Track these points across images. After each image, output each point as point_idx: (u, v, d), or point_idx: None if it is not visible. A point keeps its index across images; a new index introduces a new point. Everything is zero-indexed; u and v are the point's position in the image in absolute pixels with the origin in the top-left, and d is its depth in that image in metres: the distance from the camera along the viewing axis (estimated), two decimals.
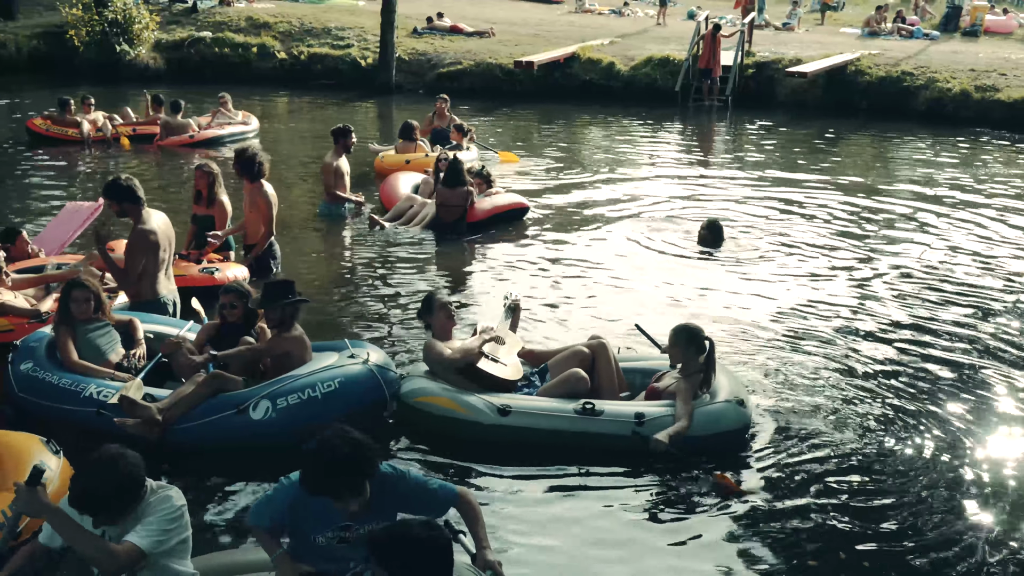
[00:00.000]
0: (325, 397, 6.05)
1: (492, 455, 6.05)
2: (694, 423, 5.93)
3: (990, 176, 15.54)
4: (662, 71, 23.57)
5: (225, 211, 9.35)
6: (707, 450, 5.91)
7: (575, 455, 5.99)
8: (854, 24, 31.92)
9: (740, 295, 9.33)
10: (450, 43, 26.33)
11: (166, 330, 6.93)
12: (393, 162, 13.65)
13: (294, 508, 4.13)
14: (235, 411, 5.94)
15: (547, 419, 6.07)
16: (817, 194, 13.90)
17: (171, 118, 16.95)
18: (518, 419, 6.06)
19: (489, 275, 9.91)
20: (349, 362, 6.32)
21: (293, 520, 4.16)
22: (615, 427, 6.00)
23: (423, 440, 6.29)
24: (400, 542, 3.38)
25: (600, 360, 6.49)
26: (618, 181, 14.63)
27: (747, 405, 6.19)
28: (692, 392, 6.07)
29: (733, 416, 6.10)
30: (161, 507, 3.92)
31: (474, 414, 6.10)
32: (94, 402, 6.02)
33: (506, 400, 6.16)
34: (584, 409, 6.04)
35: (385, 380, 6.34)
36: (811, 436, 6.41)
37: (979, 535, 5.33)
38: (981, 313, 8.92)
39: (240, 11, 28.79)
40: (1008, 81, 21.25)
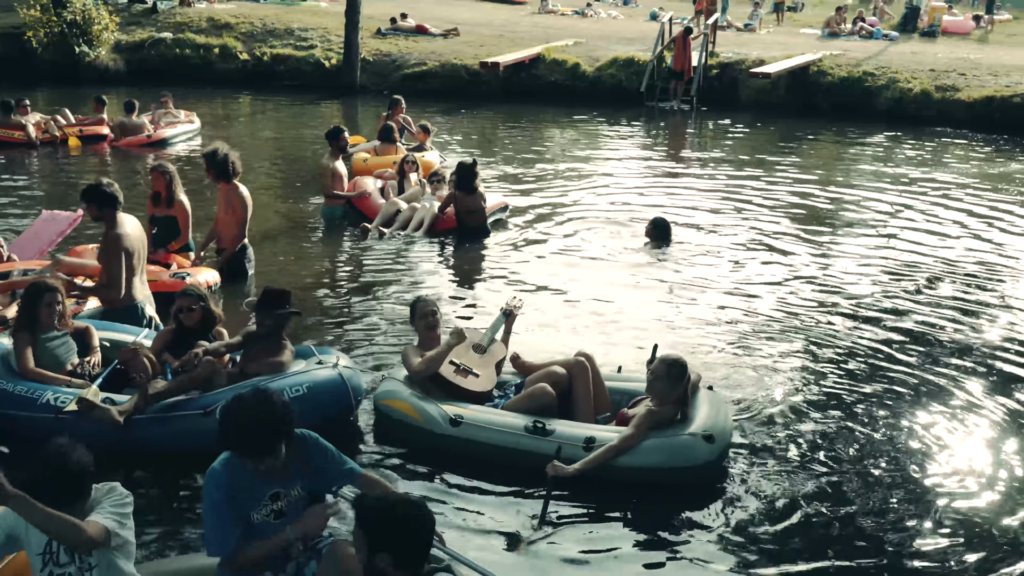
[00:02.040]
0: (294, 401, 5.90)
1: (446, 463, 5.96)
2: (651, 454, 5.59)
3: (951, 175, 15.72)
4: (627, 72, 23.65)
5: (186, 211, 9.27)
6: (664, 483, 5.60)
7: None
8: (814, 25, 32.25)
9: (699, 293, 9.36)
10: (415, 44, 26.26)
11: (122, 337, 6.83)
12: (379, 164, 13.52)
13: (229, 500, 4.10)
14: (202, 413, 5.88)
15: (497, 434, 5.87)
16: (779, 193, 14.01)
17: (126, 118, 16.88)
18: (468, 431, 5.92)
19: (481, 280, 9.85)
20: (317, 368, 6.34)
21: (236, 509, 4.15)
22: (564, 449, 5.69)
23: (387, 442, 6.31)
24: (383, 514, 3.57)
25: (577, 379, 6.22)
26: (584, 181, 14.65)
27: (718, 440, 5.73)
28: (647, 423, 5.67)
29: (696, 452, 5.65)
30: (111, 496, 3.96)
31: (427, 422, 6.04)
32: (51, 408, 5.93)
33: (460, 411, 6.01)
34: (534, 427, 5.81)
35: (352, 386, 6.36)
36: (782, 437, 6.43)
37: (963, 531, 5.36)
38: (945, 309, 9.00)
39: (201, 12, 28.54)
40: (968, 81, 21.54)
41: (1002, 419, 6.74)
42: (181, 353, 6.38)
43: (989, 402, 6.99)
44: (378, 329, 8.27)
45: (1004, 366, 7.67)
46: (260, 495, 4.16)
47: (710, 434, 5.71)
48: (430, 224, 11.19)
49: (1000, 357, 7.84)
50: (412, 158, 12.40)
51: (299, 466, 4.24)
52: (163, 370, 6.30)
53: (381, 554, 3.51)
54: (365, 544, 3.54)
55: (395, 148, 13.98)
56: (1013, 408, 6.91)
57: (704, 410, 5.96)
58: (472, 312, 8.68)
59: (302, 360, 6.47)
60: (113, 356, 6.52)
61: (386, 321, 8.44)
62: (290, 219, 12.03)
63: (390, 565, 3.52)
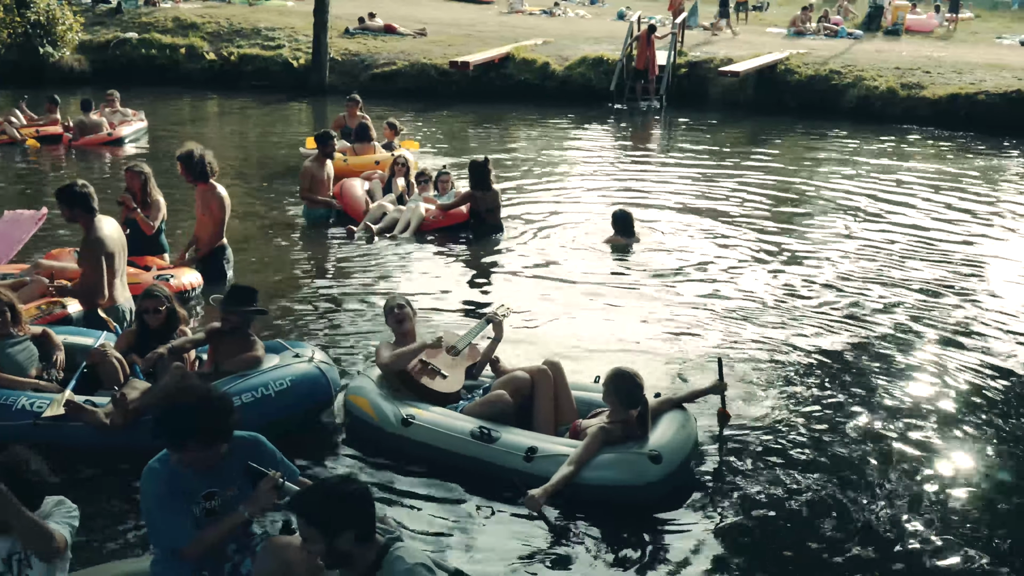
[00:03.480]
0: (278, 395, 6.13)
1: (399, 464, 5.93)
2: (594, 470, 5.41)
3: (917, 171, 15.91)
4: (596, 71, 23.71)
5: (162, 212, 9.20)
6: (605, 501, 5.38)
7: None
8: (779, 24, 32.48)
9: (667, 291, 9.40)
10: (383, 43, 26.18)
11: (81, 341, 6.76)
12: (360, 164, 13.45)
13: (172, 494, 4.11)
14: None
15: (444, 437, 5.81)
16: (748, 189, 14.11)
17: (84, 117, 16.85)
18: (418, 432, 5.88)
19: (465, 282, 9.80)
20: (296, 361, 6.42)
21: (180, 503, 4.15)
22: (505, 457, 5.60)
23: (348, 439, 6.34)
24: (326, 500, 3.62)
25: (539, 387, 6.07)
26: (554, 180, 14.74)
27: (666, 461, 5.47)
28: (600, 440, 5.49)
29: (639, 471, 5.43)
30: (61, 507, 4.02)
31: (381, 420, 6.03)
32: (28, 414, 5.86)
33: (413, 411, 5.98)
34: (480, 433, 5.71)
35: (331, 379, 6.46)
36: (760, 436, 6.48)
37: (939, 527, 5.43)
38: (914, 303, 9.12)
39: (166, 12, 28.29)
40: (932, 79, 21.80)
41: (977, 413, 6.85)
42: (145, 354, 6.35)
43: (955, 396, 7.11)
44: (359, 329, 8.27)
45: (974, 357, 7.78)
46: (195, 493, 4.16)
47: (657, 453, 5.46)
48: (417, 225, 11.18)
49: (969, 349, 7.97)
50: (403, 160, 12.38)
51: (239, 467, 4.23)
52: (132, 371, 6.26)
53: (342, 535, 3.57)
54: (320, 534, 3.58)
55: (373, 147, 13.96)
56: (988, 401, 7.03)
57: (662, 428, 5.74)
58: (452, 314, 8.65)
59: (275, 355, 6.51)
60: (73, 360, 6.45)
61: (367, 321, 8.44)
62: (273, 220, 11.97)
63: (351, 543, 3.59)
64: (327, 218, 11.68)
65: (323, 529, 3.58)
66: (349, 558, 3.64)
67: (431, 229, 11.30)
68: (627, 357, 7.40)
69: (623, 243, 10.79)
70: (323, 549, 3.61)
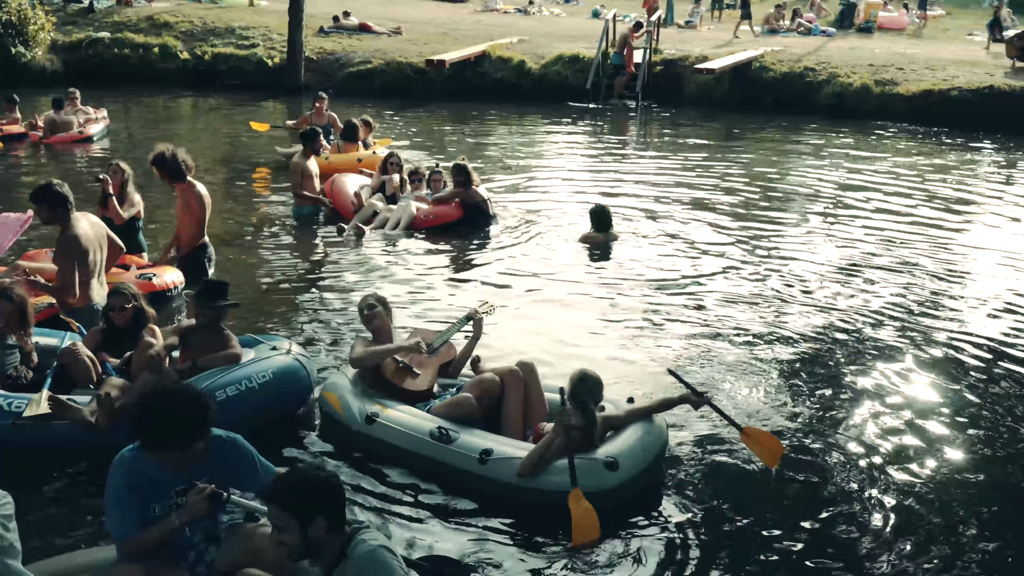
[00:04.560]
0: (262, 387, 6.18)
1: (363, 463, 5.90)
2: (547, 473, 5.33)
3: (892, 166, 16.05)
4: (572, 69, 23.73)
5: (135, 208, 9.25)
6: (560, 505, 5.21)
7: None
8: (753, 22, 32.56)
9: (644, 287, 9.41)
10: (359, 42, 26.09)
11: (44, 341, 6.67)
12: (342, 162, 13.44)
13: (132, 487, 4.12)
14: None
15: (405, 437, 5.77)
16: (724, 185, 14.21)
17: (56, 115, 16.82)
18: (380, 431, 5.86)
19: (447, 280, 9.78)
20: (275, 354, 6.47)
21: (139, 497, 4.15)
22: (460, 459, 5.53)
23: (320, 435, 6.35)
24: (301, 486, 3.66)
25: (509, 389, 5.96)
26: (532, 177, 14.76)
27: (623, 469, 5.34)
28: (549, 443, 5.38)
29: (593, 477, 5.29)
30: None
31: (347, 417, 6.03)
32: (6, 414, 5.80)
33: (379, 409, 5.97)
34: (438, 433, 5.64)
35: (309, 370, 6.56)
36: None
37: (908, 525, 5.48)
38: (888, 296, 9.20)
39: (139, 11, 28.05)
40: (906, 75, 21.97)
41: (956, 405, 6.92)
42: (114, 352, 6.33)
43: (932, 386, 7.18)
44: (341, 325, 8.26)
45: (949, 353, 7.86)
46: (167, 488, 4.16)
47: (613, 460, 5.34)
48: (407, 223, 11.23)
49: (945, 344, 8.05)
50: (396, 159, 12.40)
51: (216, 466, 4.23)
52: (104, 369, 6.22)
53: (315, 521, 3.61)
54: (295, 520, 3.60)
55: (356, 146, 14.00)
56: (966, 391, 7.11)
57: (625, 436, 5.60)
58: (435, 312, 8.62)
59: (250, 349, 6.53)
60: (40, 361, 6.40)
61: (350, 318, 8.40)
62: (257, 218, 11.92)
63: (325, 529, 3.64)
64: (316, 215, 11.67)
65: (297, 515, 3.61)
66: (320, 547, 3.67)
67: (421, 228, 11.33)
68: (605, 358, 7.43)
69: (601, 239, 10.81)
70: (296, 537, 3.63)
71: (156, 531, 4.10)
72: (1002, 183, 15.14)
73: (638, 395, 6.26)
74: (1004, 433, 6.49)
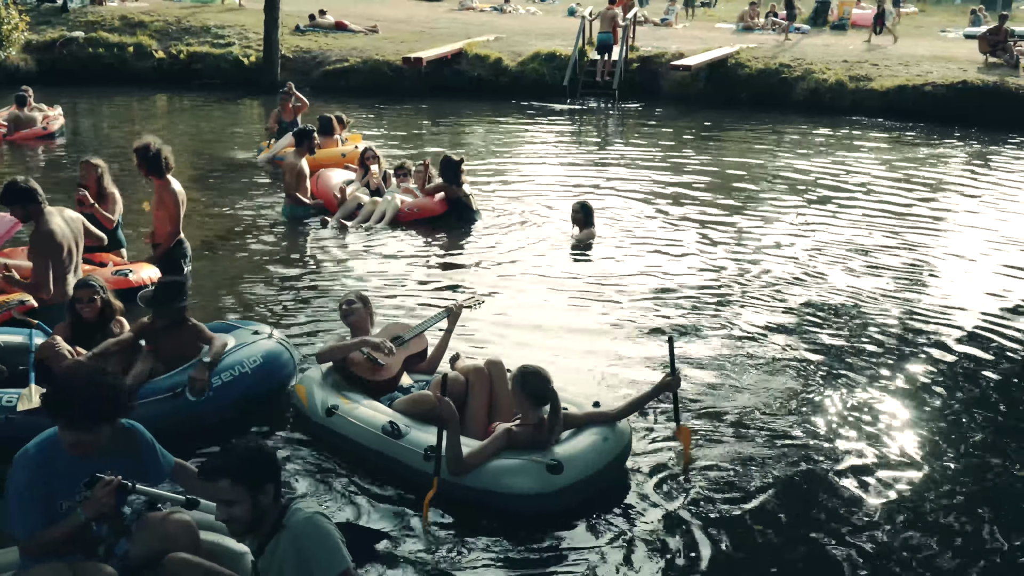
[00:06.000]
0: (254, 372, 6.28)
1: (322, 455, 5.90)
2: (486, 474, 5.17)
3: (868, 161, 16.20)
4: (549, 66, 23.76)
5: (118, 204, 9.18)
6: (498, 507, 5.17)
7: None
8: (728, 20, 32.79)
9: (623, 283, 9.37)
10: (335, 40, 26.03)
11: (9, 339, 6.64)
12: (328, 157, 13.45)
13: (38, 483, 4.05)
14: (171, 395, 5.94)
15: (360, 431, 5.72)
16: (702, 181, 14.29)
17: (20, 112, 16.83)
18: (338, 423, 5.83)
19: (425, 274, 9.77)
20: (259, 338, 6.57)
21: (45, 494, 4.09)
22: (406, 454, 5.46)
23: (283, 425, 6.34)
24: (249, 457, 3.73)
25: (474, 386, 5.84)
26: (510, 174, 14.79)
27: (567, 472, 5.15)
28: (501, 442, 5.26)
29: (534, 479, 5.12)
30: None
31: (309, 408, 6.04)
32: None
33: (338, 402, 5.93)
34: (390, 428, 5.58)
35: (293, 354, 6.69)
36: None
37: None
38: (864, 289, 9.27)
39: (112, 10, 27.89)
40: (880, 71, 22.14)
41: (936, 396, 6.99)
42: (84, 346, 6.29)
43: (911, 380, 7.25)
44: (324, 319, 8.26)
45: (925, 344, 7.95)
46: (75, 481, 4.09)
47: (557, 463, 5.15)
48: (392, 216, 11.29)
49: (926, 336, 8.14)
50: (372, 152, 12.43)
51: (121, 456, 4.21)
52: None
53: (264, 489, 3.71)
54: (246, 491, 3.66)
55: (334, 141, 14.01)
56: (944, 383, 7.18)
57: (578, 439, 5.43)
58: (414, 305, 8.61)
59: (228, 335, 6.56)
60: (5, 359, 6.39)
61: (329, 311, 8.39)
62: (237, 214, 11.86)
63: (271, 497, 3.73)
64: (307, 215, 11.61)
65: (249, 485, 3.67)
66: (265, 516, 3.73)
67: (406, 221, 11.37)
68: (584, 355, 7.42)
69: (583, 234, 10.83)
70: (247, 508, 3.68)
71: (61, 528, 4.01)
72: (976, 175, 15.27)
73: (618, 396, 6.17)
74: (998, 426, 6.54)
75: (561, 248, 10.63)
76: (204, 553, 4.15)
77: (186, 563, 4.01)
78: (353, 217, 11.42)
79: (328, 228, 11.15)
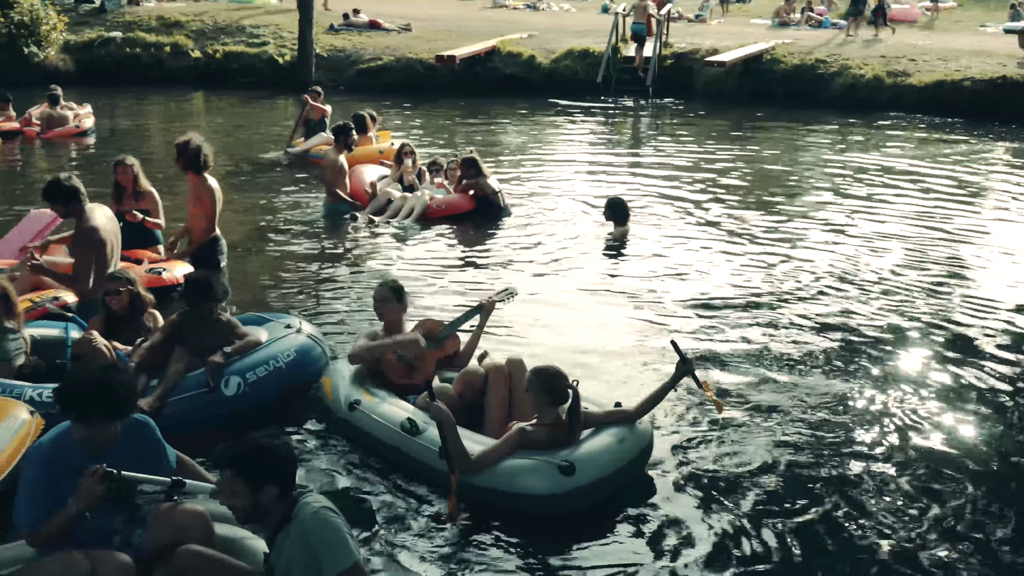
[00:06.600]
0: (288, 366, 6.31)
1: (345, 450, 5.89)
2: (497, 474, 5.06)
3: (905, 157, 15.99)
4: (582, 63, 23.74)
5: (157, 202, 9.29)
6: (509, 508, 5.07)
7: None
8: (763, 15, 32.57)
9: (657, 282, 9.26)
10: (369, 39, 26.15)
11: (46, 333, 6.70)
12: (366, 154, 13.55)
13: (47, 478, 4.08)
14: (205, 390, 5.98)
15: (380, 427, 5.65)
16: (736, 178, 14.20)
17: (52, 110, 17.13)
18: (359, 418, 5.78)
19: (457, 269, 9.75)
20: (290, 332, 6.59)
21: (54, 489, 4.11)
22: (422, 452, 5.38)
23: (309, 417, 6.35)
24: (255, 453, 3.72)
25: (492, 384, 5.75)
26: (543, 171, 14.74)
27: (579, 474, 5.02)
28: (514, 441, 5.16)
29: (545, 480, 5.01)
30: None
31: (334, 402, 6.02)
32: (42, 405, 5.73)
33: (361, 397, 5.89)
34: (408, 425, 5.51)
35: (324, 347, 6.70)
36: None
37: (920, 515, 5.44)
38: (903, 288, 9.15)
39: (150, 10, 28.22)
40: (918, 66, 21.90)
41: (969, 398, 6.88)
42: (113, 338, 6.34)
43: (946, 383, 7.12)
44: (351, 312, 8.31)
45: (965, 344, 7.80)
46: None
47: (569, 464, 5.02)
48: (420, 212, 11.31)
49: (961, 335, 7.99)
50: (410, 148, 12.50)
51: (131, 451, 4.23)
52: (116, 357, 6.23)
53: (265, 489, 3.68)
54: (246, 487, 3.68)
55: (369, 138, 14.15)
56: (979, 386, 7.06)
57: (593, 440, 5.29)
58: (444, 302, 8.60)
59: (261, 328, 6.63)
60: (45, 353, 6.44)
61: (355, 304, 8.52)
62: (275, 214, 11.89)
63: (275, 496, 3.71)
64: (346, 213, 11.59)
65: (250, 482, 3.68)
66: (267, 512, 3.74)
67: (435, 217, 11.41)
68: (614, 354, 7.35)
69: (617, 232, 10.78)
70: (246, 502, 3.70)
71: (57, 520, 4.02)
72: (1017, 171, 15.04)
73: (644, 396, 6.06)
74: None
75: (594, 245, 10.57)
76: (219, 544, 4.18)
77: (197, 554, 4.03)
78: (383, 212, 11.47)
79: (356, 223, 11.21)
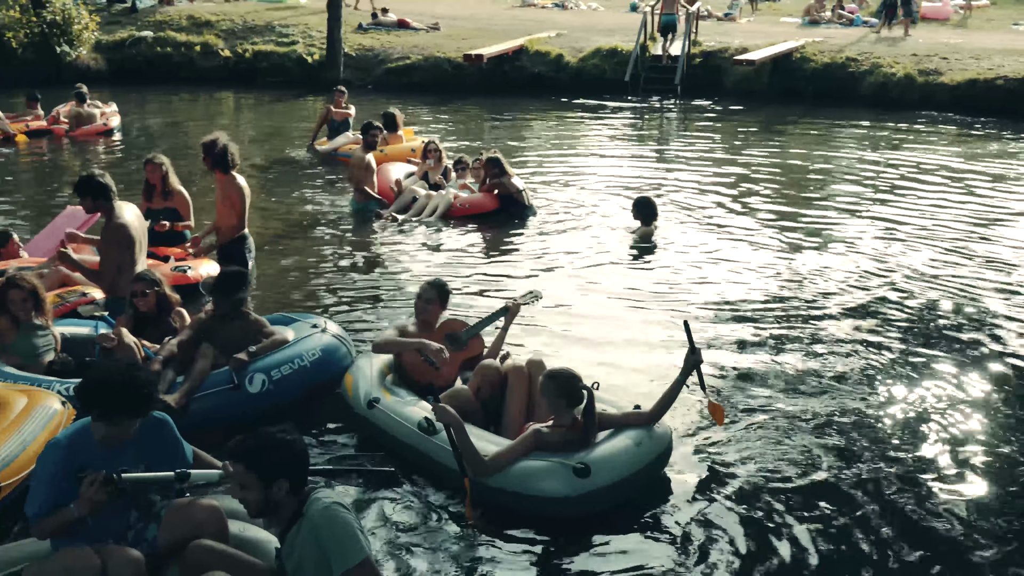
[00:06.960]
0: (313, 365, 6.37)
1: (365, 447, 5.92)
2: (512, 476, 5.03)
3: (937, 156, 15.81)
4: (610, 62, 23.67)
5: (187, 201, 9.40)
6: (523, 509, 5.04)
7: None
8: (793, 14, 32.36)
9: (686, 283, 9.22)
10: (397, 38, 26.22)
11: (76, 331, 6.79)
12: (398, 152, 13.71)
13: (60, 472, 4.11)
14: (231, 386, 6.03)
15: (397, 425, 5.67)
16: (766, 177, 14.09)
17: (80, 108, 17.32)
18: (378, 416, 5.79)
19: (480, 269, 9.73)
20: (316, 331, 6.66)
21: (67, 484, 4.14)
22: (438, 451, 5.36)
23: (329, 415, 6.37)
24: (269, 447, 3.75)
25: (512, 384, 5.74)
26: (571, 170, 14.70)
27: (594, 476, 4.98)
28: (529, 443, 5.13)
29: (560, 482, 4.97)
30: None
31: (353, 399, 6.05)
32: (67, 400, 5.81)
33: (380, 395, 5.91)
34: (426, 424, 5.51)
35: (349, 346, 6.76)
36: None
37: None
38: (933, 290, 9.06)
39: (181, 10, 28.46)
40: (950, 65, 21.66)
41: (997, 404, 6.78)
42: (139, 336, 6.40)
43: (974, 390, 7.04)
44: (373, 309, 8.36)
45: (1001, 346, 7.70)
46: (99, 471, 4.12)
47: (584, 466, 4.98)
48: (444, 211, 11.35)
49: (995, 337, 7.89)
50: (435, 146, 12.59)
51: (148, 449, 4.27)
52: (145, 355, 6.28)
53: (278, 483, 3.72)
54: (258, 480, 3.72)
55: (399, 136, 14.22)
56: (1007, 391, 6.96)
57: (610, 442, 5.25)
58: (469, 300, 8.61)
59: (287, 328, 6.71)
60: (77, 350, 6.52)
61: (379, 303, 8.54)
62: (301, 212, 11.97)
63: (286, 491, 3.75)
64: (373, 211, 11.63)
65: (262, 475, 3.71)
66: (278, 507, 3.77)
67: (458, 216, 11.43)
68: (639, 356, 7.31)
69: (644, 231, 10.74)
70: (258, 495, 3.73)
71: (57, 519, 4.07)
72: None
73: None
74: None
75: (621, 245, 10.54)
76: (232, 541, 4.20)
77: (209, 550, 4.06)
78: (407, 210, 11.50)
79: (380, 221, 11.24)
